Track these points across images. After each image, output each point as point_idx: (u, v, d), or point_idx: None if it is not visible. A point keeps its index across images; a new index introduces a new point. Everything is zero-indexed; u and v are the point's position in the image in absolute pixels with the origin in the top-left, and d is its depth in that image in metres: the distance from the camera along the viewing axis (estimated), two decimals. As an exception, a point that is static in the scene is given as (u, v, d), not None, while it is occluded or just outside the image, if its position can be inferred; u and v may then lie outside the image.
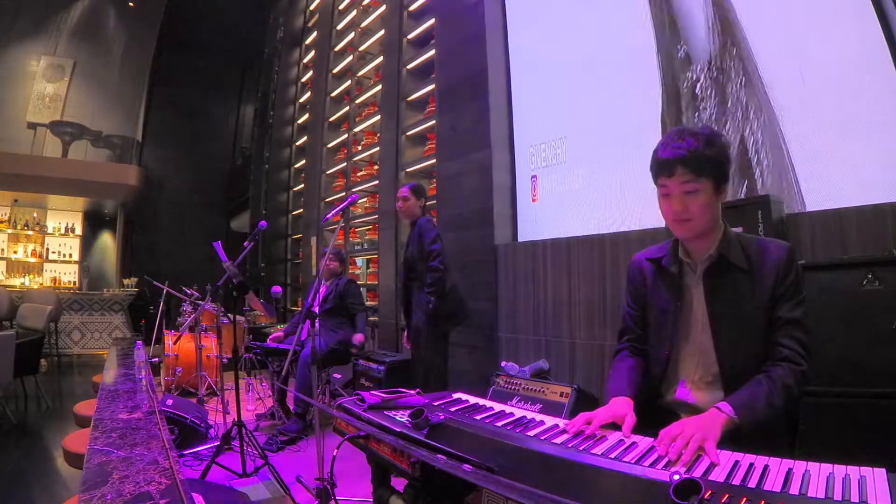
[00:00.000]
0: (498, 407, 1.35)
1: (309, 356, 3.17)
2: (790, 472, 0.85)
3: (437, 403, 1.37)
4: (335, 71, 6.71)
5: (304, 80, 8.14)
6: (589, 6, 3.44)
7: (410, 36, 5.14)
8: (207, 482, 2.42)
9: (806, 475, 0.83)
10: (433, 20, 4.73)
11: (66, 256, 9.24)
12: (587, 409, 1.19)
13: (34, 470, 2.93)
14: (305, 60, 8.13)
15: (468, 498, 1.03)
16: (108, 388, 2.16)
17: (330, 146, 6.68)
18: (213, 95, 11.13)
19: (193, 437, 2.89)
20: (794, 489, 0.79)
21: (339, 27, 6.77)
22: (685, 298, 1.30)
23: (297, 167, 8.11)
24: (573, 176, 3.45)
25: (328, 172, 6.65)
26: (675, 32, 2.93)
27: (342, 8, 6.74)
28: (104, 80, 9.45)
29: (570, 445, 1.05)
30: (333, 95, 6.70)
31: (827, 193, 2.23)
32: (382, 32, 5.67)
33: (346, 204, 2.65)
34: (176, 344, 4.30)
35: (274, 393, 3.87)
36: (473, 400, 1.43)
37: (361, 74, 6.07)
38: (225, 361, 4.23)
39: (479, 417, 1.25)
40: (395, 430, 1.11)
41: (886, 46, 2.07)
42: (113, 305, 8.07)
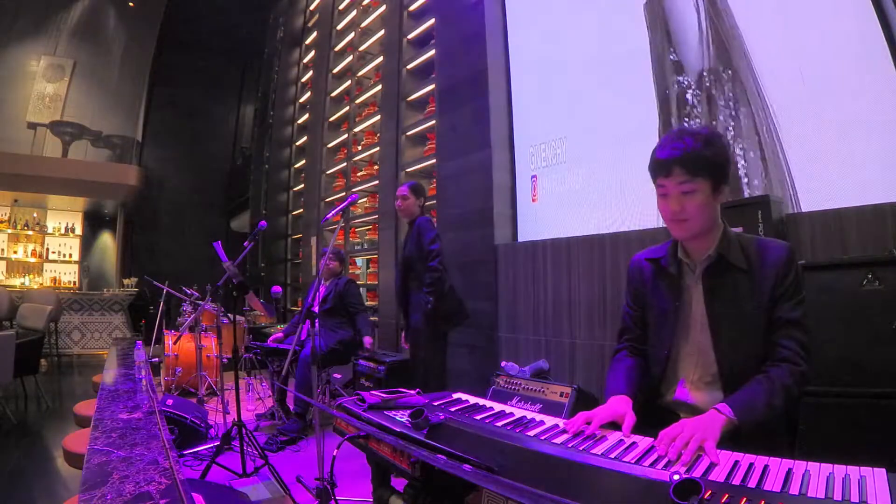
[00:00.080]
0: (498, 407, 1.35)
1: (309, 356, 3.17)
2: (790, 472, 0.85)
3: (437, 403, 1.37)
4: (335, 71, 6.71)
5: (304, 80, 8.14)
6: (589, 6, 3.44)
7: (410, 36, 5.14)
8: (207, 482, 2.42)
9: (806, 475, 0.83)
10: (433, 20, 4.73)
11: (66, 256, 9.24)
12: (587, 409, 1.19)
13: (34, 470, 2.92)
14: (305, 60, 8.13)
15: (468, 498, 1.03)
16: (108, 388, 2.16)
17: (330, 146, 6.68)
18: (213, 95, 11.15)
19: (193, 437, 2.89)
20: (794, 489, 0.79)
21: (339, 27, 6.77)
22: (684, 298, 1.31)
23: (297, 167, 8.11)
24: (573, 176, 3.45)
25: (328, 172, 6.65)
26: (666, 36, 2.94)
27: (342, 8, 6.74)
28: (104, 80, 9.45)
29: (569, 445, 1.05)
30: (333, 95, 6.70)
31: (827, 193, 2.23)
32: (382, 32, 5.67)
33: (346, 204, 2.65)
34: (176, 344, 4.30)
35: (274, 393, 3.86)
36: (473, 400, 1.43)
37: (361, 74, 6.07)
38: (225, 361, 4.23)
39: (479, 417, 1.25)
40: (395, 430, 1.11)
41: (886, 46, 2.07)
42: (113, 305, 8.08)
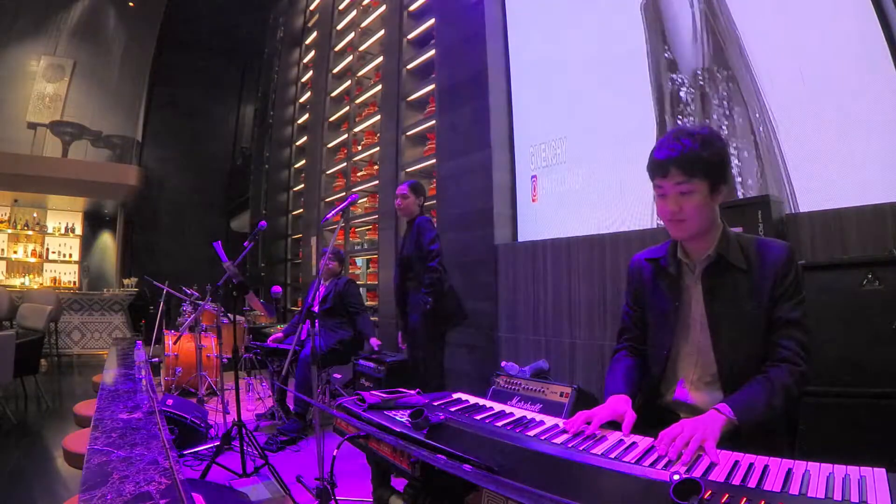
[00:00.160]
0: (498, 407, 1.35)
1: (309, 356, 3.17)
2: (790, 472, 0.85)
3: (437, 403, 1.37)
4: (335, 71, 6.71)
5: (304, 80, 8.14)
6: (589, 6, 3.44)
7: (410, 36, 5.14)
8: (207, 482, 2.42)
9: (806, 475, 0.83)
10: (433, 20, 4.73)
11: (66, 256, 9.24)
12: (587, 409, 1.18)
13: (34, 470, 2.92)
14: (305, 60, 8.13)
15: (468, 498, 1.03)
16: (108, 388, 2.16)
17: (330, 146, 6.68)
18: (213, 95, 11.15)
19: (193, 437, 2.89)
20: (794, 489, 0.79)
21: (339, 27, 6.77)
22: (683, 299, 1.31)
23: (297, 167, 8.11)
24: (573, 176, 3.45)
25: (328, 172, 6.65)
26: (661, 36, 2.95)
27: (342, 8, 6.74)
28: (104, 80, 9.45)
29: (570, 445, 1.05)
30: (333, 95, 6.70)
31: (827, 193, 2.23)
32: (382, 32, 5.67)
33: (346, 204, 2.65)
34: (176, 344, 4.30)
35: (274, 393, 3.86)
36: (473, 400, 1.43)
37: (361, 74, 6.07)
38: (225, 361, 4.23)
39: (479, 417, 1.25)
40: (395, 430, 1.11)
41: (886, 46, 2.07)
42: (113, 305, 8.07)
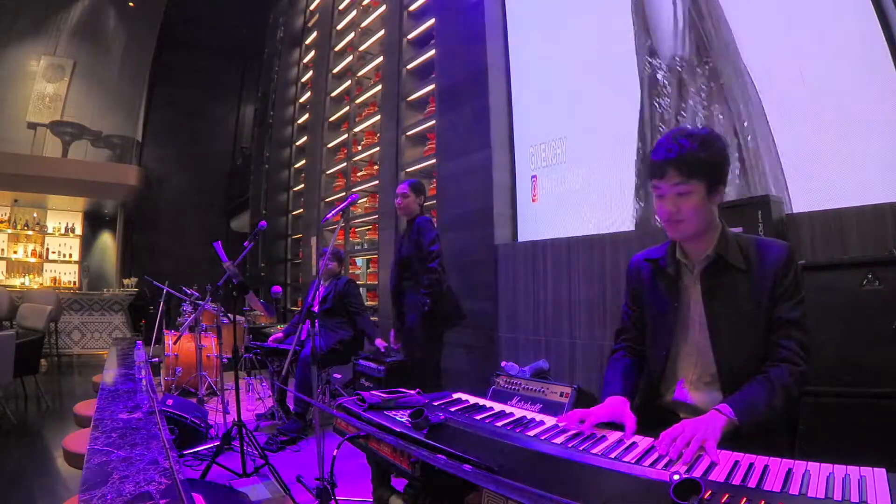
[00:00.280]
0: (498, 407, 1.35)
1: (309, 356, 3.17)
2: (790, 472, 0.85)
3: (437, 403, 1.37)
4: (335, 71, 6.71)
5: (304, 80, 8.13)
6: (589, 6, 3.44)
7: (410, 36, 5.14)
8: (207, 482, 2.42)
9: (806, 475, 0.83)
10: (433, 20, 4.73)
11: (66, 256, 9.24)
12: (587, 408, 1.19)
13: (34, 470, 2.92)
14: (305, 60, 8.13)
15: (468, 498, 1.03)
16: (108, 388, 2.16)
17: (330, 146, 6.68)
18: (213, 95, 11.15)
19: (193, 437, 2.89)
20: (794, 489, 0.79)
21: (339, 27, 6.77)
22: (682, 299, 1.31)
23: (297, 167, 8.11)
24: (573, 176, 3.45)
25: (328, 172, 6.65)
26: (647, 35, 2.97)
27: (342, 8, 6.74)
28: (104, 80, 9.45)
29: (569, 445, 1.05)
30: (333, 95, 6.70)
31: (827, 193, 2.23)
32: (382, 32, 5.67)
33: (346, 204, 2.65)
34: (176, 344, 4.30)
35: (274, 393, 3.86)
36: (473, 400, 1.43)
37: (361, 74, 6.07)
38: (225, 361, 4.23)
39: (479, 417, 1.25)
40: (395, 430, 1.11)
41: (886, 46, 2.07)
42: (113, 305, 8.08)
